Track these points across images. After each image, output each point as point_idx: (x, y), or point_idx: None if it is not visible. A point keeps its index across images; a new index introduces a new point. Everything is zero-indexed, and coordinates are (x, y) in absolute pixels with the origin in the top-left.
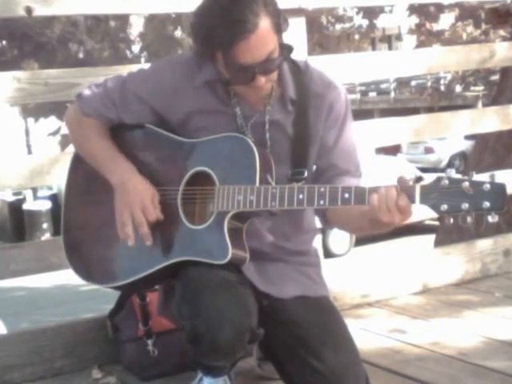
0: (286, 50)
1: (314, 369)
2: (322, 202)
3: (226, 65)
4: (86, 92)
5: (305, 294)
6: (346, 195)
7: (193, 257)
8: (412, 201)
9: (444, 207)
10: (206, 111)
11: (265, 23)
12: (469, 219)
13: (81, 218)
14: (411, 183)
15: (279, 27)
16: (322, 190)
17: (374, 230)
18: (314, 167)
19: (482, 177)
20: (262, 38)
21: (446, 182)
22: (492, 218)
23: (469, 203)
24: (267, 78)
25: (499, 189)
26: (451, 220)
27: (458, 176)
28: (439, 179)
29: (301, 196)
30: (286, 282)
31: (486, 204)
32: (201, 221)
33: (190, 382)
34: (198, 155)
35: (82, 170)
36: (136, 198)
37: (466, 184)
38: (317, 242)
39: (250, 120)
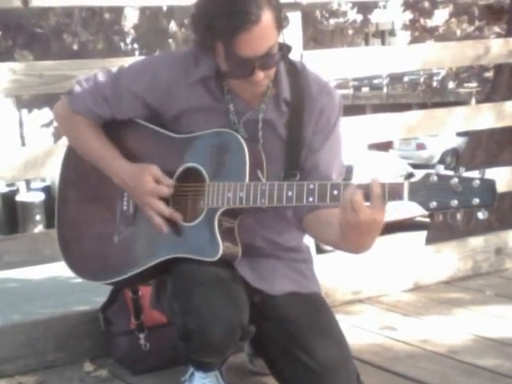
0: (284, 49)
1: (305, 365)
2: (311, 199)
3: (226, 57)
4: (76, 89)
5: (296, 291)
6: (335, 192)
7: (184, 254)
8: (400, 198)
9: (433, 204)
10: (199, 108)
11: (267, 16)
12: (458, 216)
13: (74, 214)
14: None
15: (280, 23)
16: (312, 186)
17: (348, 242)
18: None
19: (473, 174)
20: (263, 31)
21: (435, 178)
22: (482, 215)
23: (458, 200)
24: (265, 73)
25: (489, 185)
26: (440, 217)
27: (448, 172)
28: (428, 176)
29: (290, 193)
30: (278, 279)
31: (476, 200)
32: (192, 217)
33: (182, 377)
34: (189, 151)
35: (75, 165)
36: (142, 190)
37: (455, 181)
38: (309, 239)
39: (242, 117)
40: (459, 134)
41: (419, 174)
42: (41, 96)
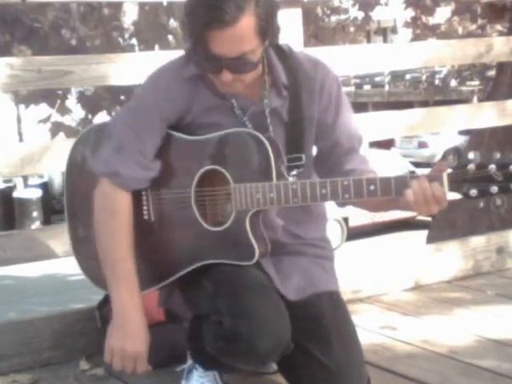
0: (272, 36)
1: (320, 363)
2: (346, 196)
3: (196, 46)
4: (114, 165)
5: (318, 290)
6: (372, 187)
7: (218, 259)
8: None
9: (473, 192)
10: (207, 109)
11: (248, 22)
12: (498, 202)
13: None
14: (440, 172)
15: (264, 31)
16: (346, 183)
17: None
18: (317, 150)
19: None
20: (237, 34)
21: (473, 166)
22: None
23: (497, 186)
24: (235, 76)
25: None
26: (481, 204)
27: (476, 156)
28: (465, 165)
29: (324, 191)
30: (300, 278)
31: None
32: (219, 221)
33: (178, 374)
34: (208, 153)
35: (81, 176)
36: (132, 345)
37: (493, 167)
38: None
39: (246, 109)
40: (461, 133)
41: (421, 172)
42: (38, 91)
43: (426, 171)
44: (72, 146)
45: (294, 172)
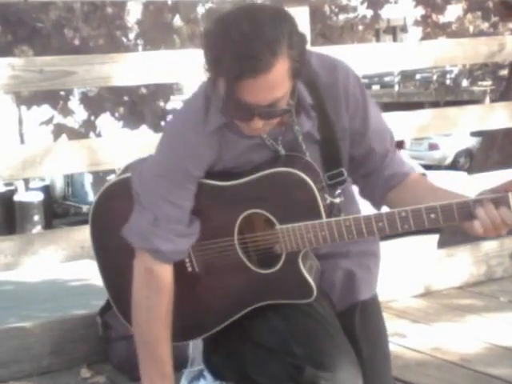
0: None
1: None
2: (406, 227)
3: (226, 95)
4: (152, 241)
5: (355, 300)
6: (433, 216)
7: (275, 300)
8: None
9: None
10: (239, 153)
11: (281, 67)
12: None
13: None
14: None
15: (298, 73)
16: (404, 214)
17: None
18: (349, 157)
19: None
20: (272, 81)
21: None
22: None
23: None
24: (266, 122)
25: None
26: None
27: None
28: None
29: (380, 224)
30: (340, 290)
31: None
32: (262, 263)
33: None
34: (245, 197)
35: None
36: None
37: None
38: None
39: (277, 137)
40: (473, 134)
41: (431, 174)
42: (40, 92)
43: (488, 192)
44: (96, 200)
45: (339, 191)
